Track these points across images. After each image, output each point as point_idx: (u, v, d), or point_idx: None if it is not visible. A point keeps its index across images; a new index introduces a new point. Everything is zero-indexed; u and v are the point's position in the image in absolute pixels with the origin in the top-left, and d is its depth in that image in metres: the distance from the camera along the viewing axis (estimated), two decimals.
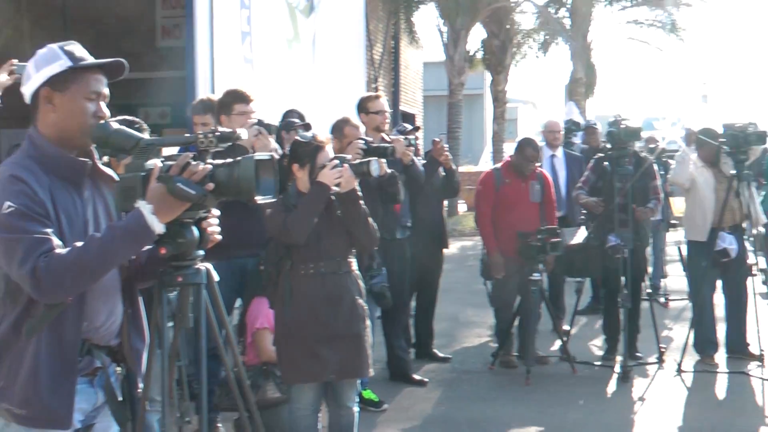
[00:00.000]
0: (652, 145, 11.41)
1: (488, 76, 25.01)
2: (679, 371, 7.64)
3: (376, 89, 18.12)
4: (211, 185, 2.85)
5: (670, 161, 9.71)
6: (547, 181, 8.11)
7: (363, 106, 7.19)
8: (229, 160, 2.93)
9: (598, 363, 8.08)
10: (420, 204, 7.60)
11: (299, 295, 4.89)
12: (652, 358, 8.01)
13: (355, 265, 5.08)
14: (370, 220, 5.01)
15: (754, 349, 7.94)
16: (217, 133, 2.97)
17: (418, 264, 7.67)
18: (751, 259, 7.91)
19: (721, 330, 8.16)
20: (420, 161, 7.38)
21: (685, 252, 8.58)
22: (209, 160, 2.91)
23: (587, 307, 10.09)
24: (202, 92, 8.27)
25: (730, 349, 8.10)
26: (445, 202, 8.89)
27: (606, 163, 7.92)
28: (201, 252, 3.07)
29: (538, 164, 8.09)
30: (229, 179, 2.89)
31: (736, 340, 8.09)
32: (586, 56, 24.66)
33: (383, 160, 5.08)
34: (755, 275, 7.69)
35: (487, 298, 8.19)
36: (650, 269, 10.72)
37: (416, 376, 7.56)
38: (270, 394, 5.56)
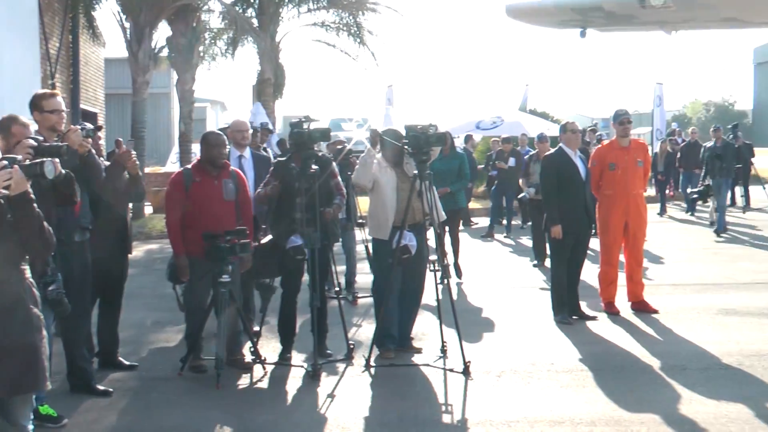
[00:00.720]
0: (339, 146, 11.66)
1: (175, 75, 24.56)
2: (368, 366, 7.82)
3: (53, 86, 17.29)
4: None
5: (356, 162, 9.91)
6: (241, 179, 8.04)
7: (37, 104, 6.77)
8: None
9: (286, 363, 8.07)
10: (102, 206, 7.27)
11: None
12: (341, 355, 8.14)
13: (28, 272, 4.74)
14: (45, 224, 4.70)
15: (433, 340, 8.30)
16: None
17: (100, 269, 7.33)
18: (431, 255, 8.23)
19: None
20: (103, 162, 7.09)
21: (371, 250, 8.81)
22: None
23: None
24: None
25: (399, 343, 8.36)
26: (130, 204, 8.59)
27: (293, 164, 7.94)
28: None
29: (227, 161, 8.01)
30: None
31: (403, 335, 8.39)
32: (274, 57, 24.82)
33: (57, 160, 4.77)
34: (437, 271, 8.00)
35: (175, 302, 7.99)
36: (341, 267, 10.93)
37: (100, 387, 7.25)
38: None
